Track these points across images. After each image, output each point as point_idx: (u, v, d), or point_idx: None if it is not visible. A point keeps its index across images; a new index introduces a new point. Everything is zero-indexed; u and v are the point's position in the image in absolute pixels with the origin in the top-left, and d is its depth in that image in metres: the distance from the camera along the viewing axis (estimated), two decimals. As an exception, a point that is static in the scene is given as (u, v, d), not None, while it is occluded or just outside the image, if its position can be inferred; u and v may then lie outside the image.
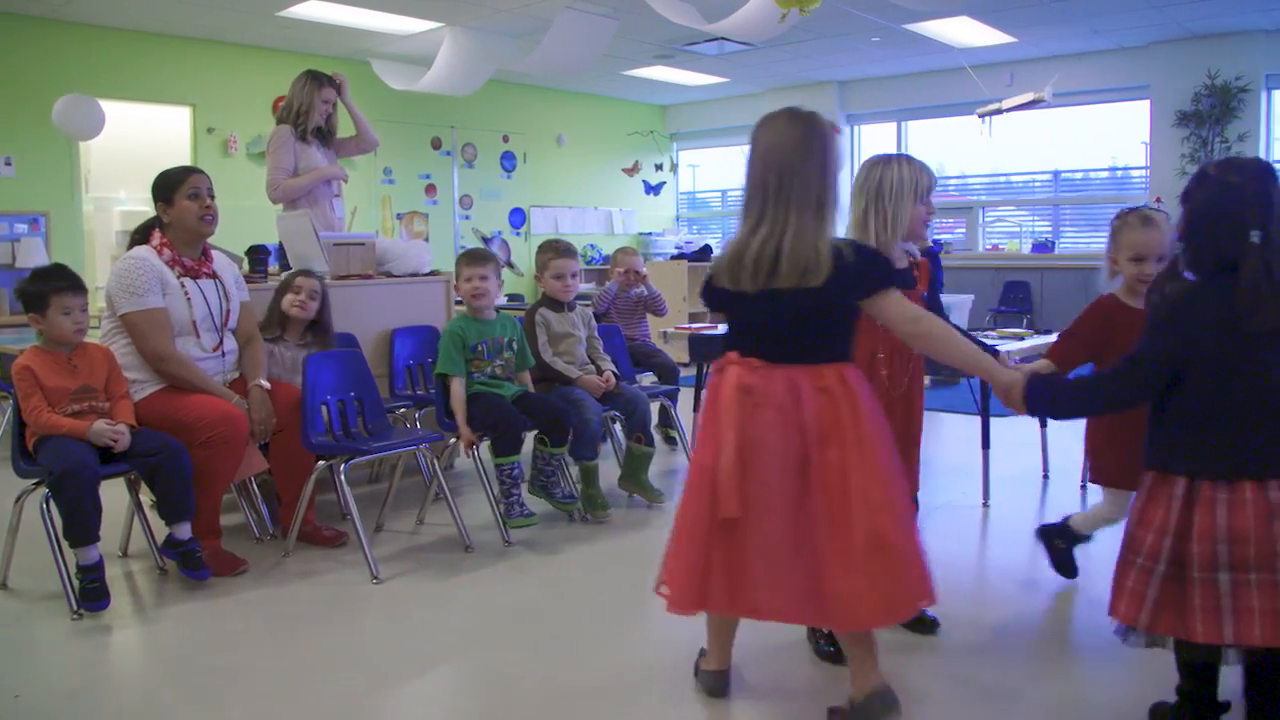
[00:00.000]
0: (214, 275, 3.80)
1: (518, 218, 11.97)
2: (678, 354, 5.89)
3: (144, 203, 3.92)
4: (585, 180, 12.73)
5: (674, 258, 10.68)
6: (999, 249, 11.36)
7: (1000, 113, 9.19)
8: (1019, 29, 9.10)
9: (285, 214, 5.10)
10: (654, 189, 13.69)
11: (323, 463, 3.69)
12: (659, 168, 13.71)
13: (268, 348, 3.99)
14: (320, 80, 5.25)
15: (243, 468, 3.68)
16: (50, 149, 7.99)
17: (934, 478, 4.86)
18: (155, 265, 3.62)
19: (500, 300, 4.79)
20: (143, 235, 3.78)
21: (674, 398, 5.18)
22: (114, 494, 3.56)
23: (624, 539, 4.04)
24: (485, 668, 2.83)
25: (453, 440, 4.14)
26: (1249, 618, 1.95)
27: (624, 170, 13.28)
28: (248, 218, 6.77)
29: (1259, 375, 2.01)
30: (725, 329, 2.43)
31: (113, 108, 7.65)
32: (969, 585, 3.56)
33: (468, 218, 11.43)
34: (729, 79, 11.54)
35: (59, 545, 3.24)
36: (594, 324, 4.72)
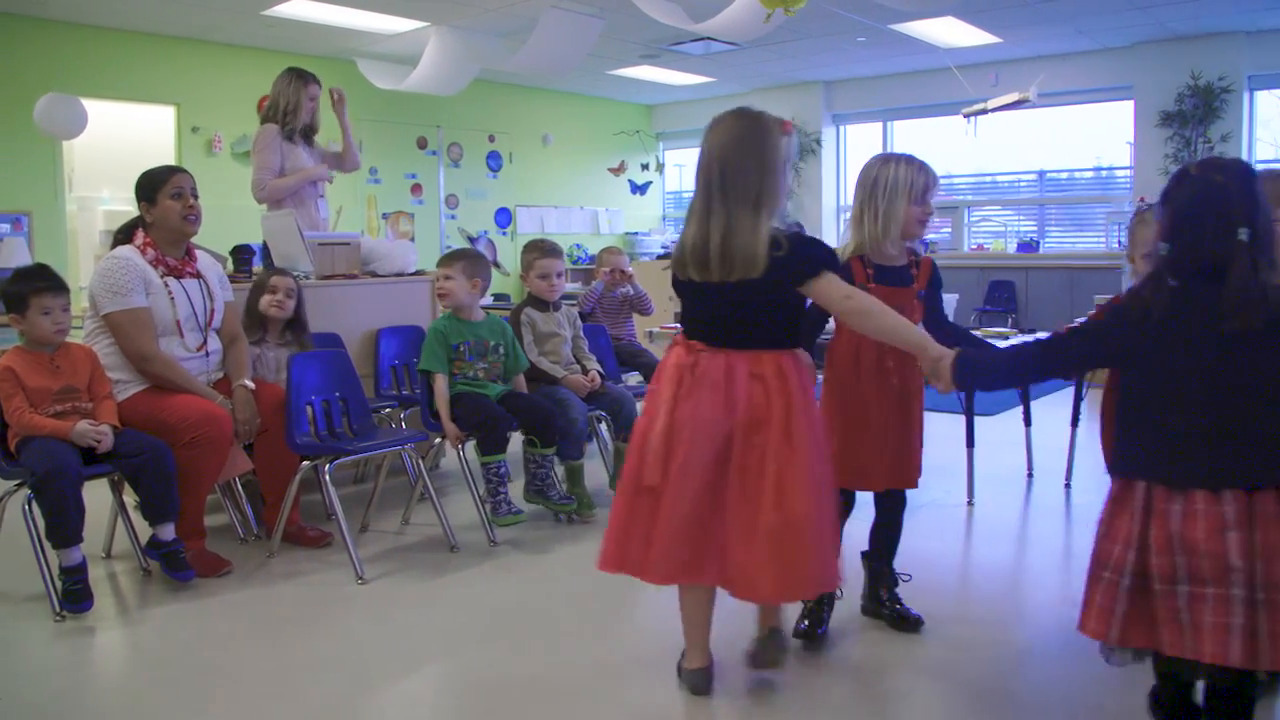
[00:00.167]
0: (198, 275, 3.78)
1: (504, 217, 11.96)
2: (663, 353, 5.87)
3: (128, 202, 3.90)
4: (571, 180, 12.72)
5: (660, 257, 10.68)
6: (984, 248, 11.40)
7: (985, 113, 9.21)
8: (1004, 29, 9.13)
9: (270, 213, 5.08)
10: (640, 189, 13.69)
11: (307, 463, 3.68)
12: (645, 167, 13.71)
13: (252, 350, 3.97)
14: (306, 78, 5.22)
15: (227, 468, 3.67)
16: (32, 148, 7.93)
17: (919, 476, 4.86)
18: (138, 265, 3.61)
19: (486, 300, 4.78)
20: (126, 235, 3.76)
21: (659, 397, 5.16)
22: (97, 495, 3.54)
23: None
24: (470, 668, 2.83)
25: (438, 440, 4.14)
26: (1201, 633, 1.90)
27: (610, 170, 13.28)
28: (232, 217, 6.75)
29: (1213, 381, 1.95)
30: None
31: (96, 106, 7.61)
32: (953, 583, 3.58)
33: (454, 217, 11.41)
34: (715, 79, 11.56)
35: (41, 546, 3.22)
36: (579, 324, 4.73)
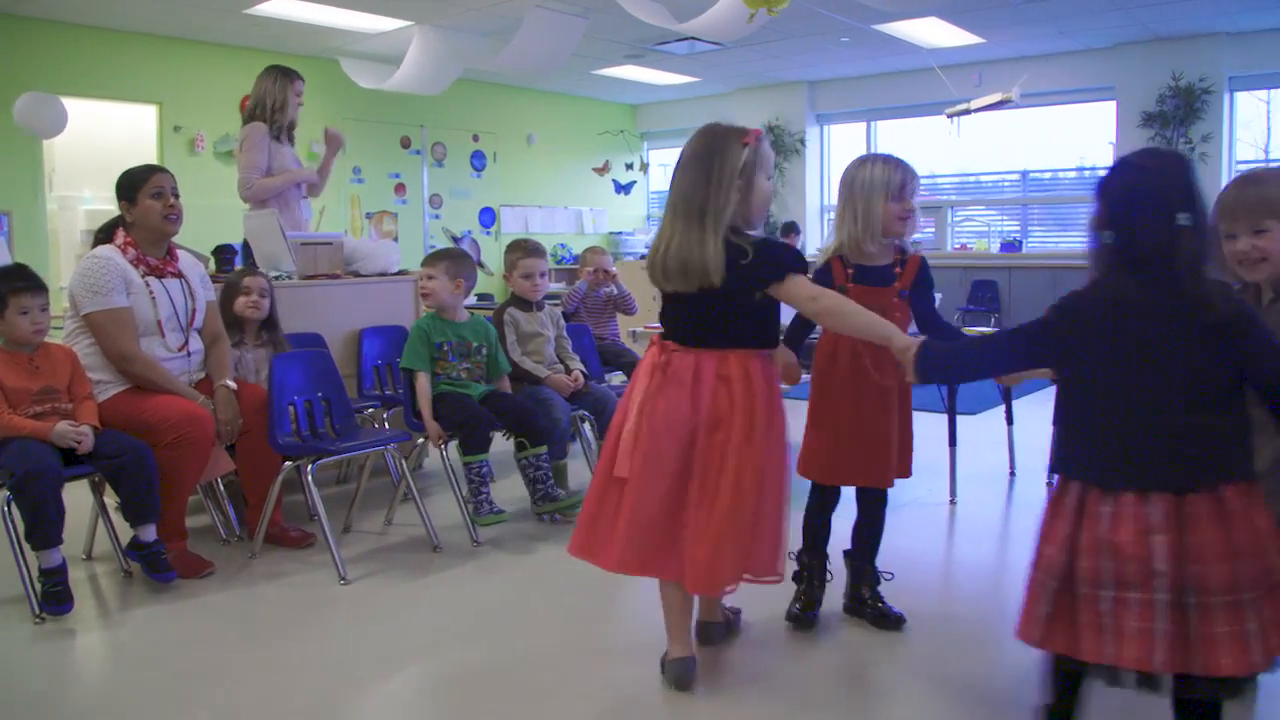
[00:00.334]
0: (179, 274, 3.76)
1: (488, 217, 11.94)
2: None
3: (109, 202, 3.88)
4: (555, 179, 12.72)
5: (644, 257, 10.69)
6: (967, 248, 11.46)
7: (969, 113, 9.25)
8: (987, 30, 9.17)
9: (251, 213, 5.06)
10: (624, 188, 13.70)
11: (290, 463, 3.66)
12: (629, 167, 13.72)
13: (232, 353, 3.94)
14: (290, 75, 5.21)
15: (209, 469, 3.65)
16: (12, 147, 7.87)
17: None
18: (119, 264, 3.59)
19: (469, 300, 4.77)
20: (106, 234, 3.74)
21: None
22: (78, 496, 3.52)
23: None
24: (453, 668, 2.83)
25: (421, 440, 4.13)
26: (1124, 638, 1.86)
27: (594, 169, 13.28)
28: (214, 217, 6.72)
29: (1144, 380, 1.92)
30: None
31: (77, 105, 7.57)
32: (935, 582, 3.59)
33: (437, 217, 11.39)
34: (699, 78, 11.57)
35: (21, 548, 3.19)
36: (563, 323, 4.72)
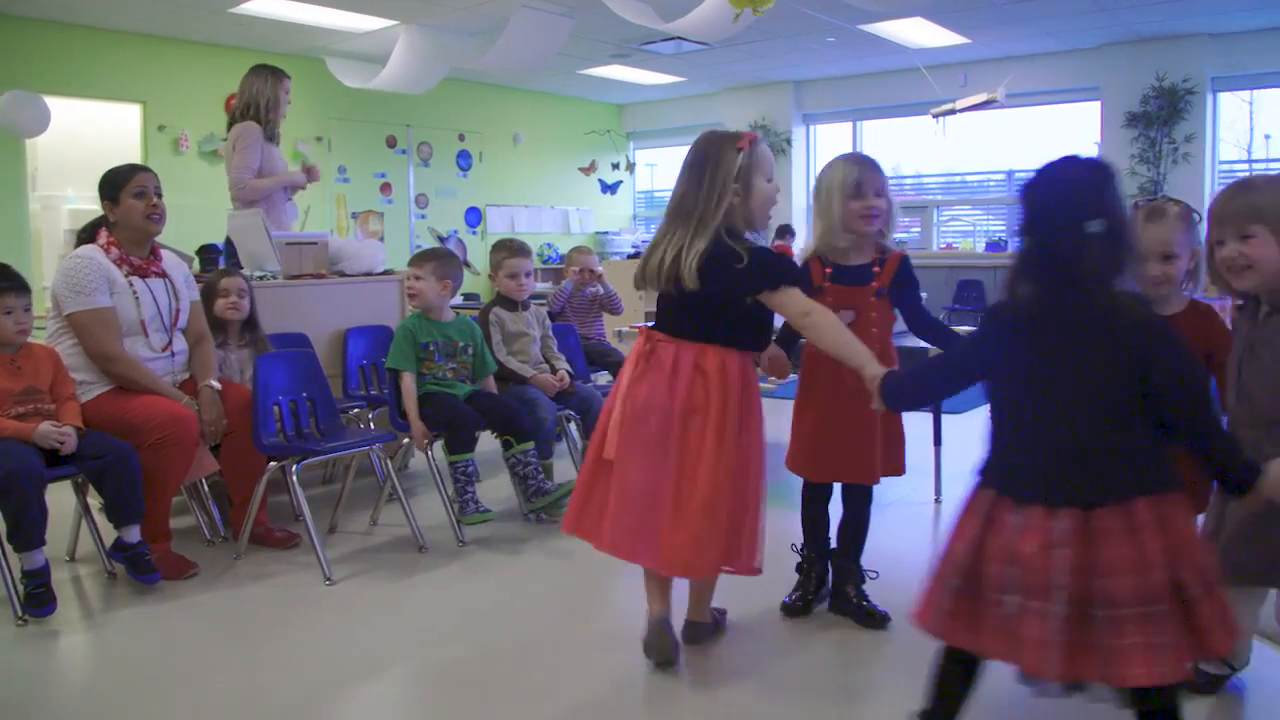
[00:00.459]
0: (163, 274, 3.75)
1: (474, 217, 11.93)
2: (632, 351, 5.88)
3: (93, 201, 3.86)
4: (542, 179, 12.71)
5: (630, 257, 10.72)
6: (953, 248, 11.50)
7: (954, 113, 9.29)
8: (972, 30, 9.20)
9: (236, 212, 5.04)
10: (611, 188, 13.69)
11: (275, 464, 3.66)
12: (616, 167, 13.72)
13: (216, 355, 3.93)
14: (279, 73, 5.20)
15: (193, 469, 3.64)
16: (-6, 146, 7.84)
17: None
18: (102, 264, 3.57)
19: (455, 300, 4.77)
20: (89, 234, 3.72)
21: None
22: (61, 497, 3.50)
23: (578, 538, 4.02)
24: (439, 668, 2.83)
25: (406, 440, 4.12)
26: (1023, 644, 1.89)
27: (581, 169, 13.28)
28: (198, 217, 6.70)
29: (1055, 392, 1.92)
30: None
31: (60, 104, 7.52)
32: (920, 581, 3.59)
33: (423, 217, 11.37)
34: (685, 78, 11.57)
35: (3, 550, 3.18)
36: (549, 323, 4.73)
